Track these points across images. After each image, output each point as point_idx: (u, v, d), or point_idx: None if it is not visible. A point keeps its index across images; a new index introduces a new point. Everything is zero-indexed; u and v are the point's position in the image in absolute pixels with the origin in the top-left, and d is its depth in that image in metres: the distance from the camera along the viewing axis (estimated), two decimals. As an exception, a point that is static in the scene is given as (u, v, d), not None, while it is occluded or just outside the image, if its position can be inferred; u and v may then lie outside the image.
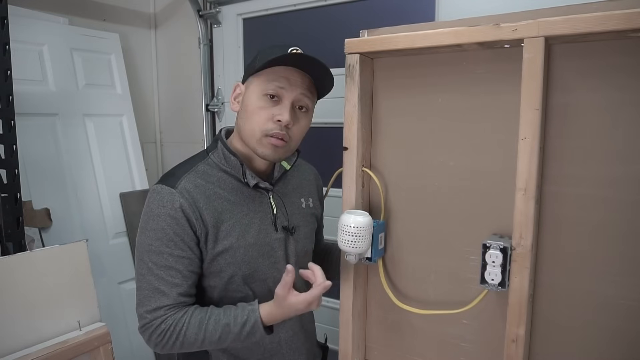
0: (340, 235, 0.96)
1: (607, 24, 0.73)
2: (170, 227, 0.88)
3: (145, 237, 0.89)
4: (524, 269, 0.84)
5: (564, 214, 0.86)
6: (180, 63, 2.27)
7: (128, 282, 1.98)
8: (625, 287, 0.82)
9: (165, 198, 0.88)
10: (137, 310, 0.90)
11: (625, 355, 0.84)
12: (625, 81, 0.80)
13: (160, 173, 2.39)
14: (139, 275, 0.90)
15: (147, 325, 0.88)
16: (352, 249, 0.95)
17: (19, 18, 1.69)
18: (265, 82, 0.90)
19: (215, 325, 0.89)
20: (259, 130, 0.90)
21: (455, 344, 1.01)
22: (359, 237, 0.95)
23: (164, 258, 0.88)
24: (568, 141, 0.85)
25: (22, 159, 1.54)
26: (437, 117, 0.99)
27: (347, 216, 0.96)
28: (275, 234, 0.98)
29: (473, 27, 0.85)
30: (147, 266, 0.89)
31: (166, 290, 0.88)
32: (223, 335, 0.89)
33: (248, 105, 0.92)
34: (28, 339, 1.17)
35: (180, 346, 0.89)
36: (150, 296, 0.88)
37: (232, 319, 0.89)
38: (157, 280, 0.88)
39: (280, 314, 0.91)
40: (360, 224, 0.94)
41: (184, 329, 0.88)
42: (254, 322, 0.89)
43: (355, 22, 1.71)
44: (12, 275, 1.15)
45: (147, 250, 0.89)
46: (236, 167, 0.94)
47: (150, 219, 0.89)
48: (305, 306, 0.89)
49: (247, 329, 0.89)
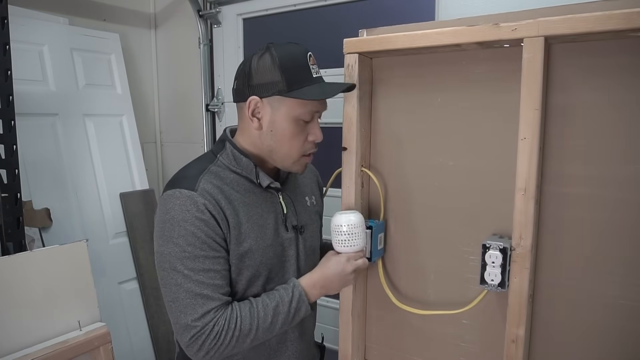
0: (334, 237, 0.96)
1: (606, 24, 0.73)
2: (200, 230, 0.85)
3: (173, 245, 0.85)
4: (523, 269, 0.84)
5: (564, 214, 0.86)
6: (180, 63, 2.27)
7: (128, 282, 1.98)
8: (626, 287, 0.82)
9: (187, 202, 0.85)
10: (181, 321, 0.85)
11: (625, 355, 0.83)
12: (625, 80, 0.80)
13: (161, 173, 2.39)
14: (173, 287, 0.85)
15: (198, 333, 0.84)
16: (348, 248, 0.95)
17: (19, 18, 1.69)
18: (299, 107, 0.89)
19: (265, 309, 0.88)
20: (298, 154, 0.92)
21: (455, 344, 1.01)
22: (352, 236, 0.95)
23: (201, 262, 0.85)
24: (568, 141, 0.85)
25: (22, 159, 1.54)
26: (436, 117, 0.99)
27: (337, 217, 0.96)
28: (286, 233, 0.97)
29: (472, 27, 0.85)
30: (182, 274, 0.84)
31: (210, 294, 0.85)
32: (274, 318, 0.88)
33: (283, 129, 0.90)
34: (28, 339, 1.17)
35: (235, 343, 0.86)
36: (194, 304, 0.84)
37: (279, 299, 0.89)
38: (197, 286, 0.84)
39: (319, 276, 0.93)
40: (351, 222, 0.94)
41: (238, 322, 0.85)
42: (299, 294, 0.90)
43: (354, 22, 1.71)
44: (12, 275, 1.15)
45: (179, 257, 0.85)
46: (248, 168, 0.93)
47: (176, 226, 0.85)
48: (346, 260, 0.94)
49: (294, 305, 0.89)
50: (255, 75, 0.89)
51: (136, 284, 2.01)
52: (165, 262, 0.86)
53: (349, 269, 0.95)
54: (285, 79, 0.87)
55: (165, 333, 2.05)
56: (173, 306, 0.86)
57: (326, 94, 0.89)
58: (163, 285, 0.88)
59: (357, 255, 0.96)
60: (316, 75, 0.91)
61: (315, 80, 0.90)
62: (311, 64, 0.90)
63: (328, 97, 0.89)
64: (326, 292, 0.95)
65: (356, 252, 0.97)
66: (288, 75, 0.87)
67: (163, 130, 2.38)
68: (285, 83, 0.87)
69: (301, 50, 0.90)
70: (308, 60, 0.90)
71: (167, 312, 0.89)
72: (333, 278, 0.94)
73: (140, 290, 2.01)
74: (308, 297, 0.92)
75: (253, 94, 0.89)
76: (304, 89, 0.88)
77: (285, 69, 0.87)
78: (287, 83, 0.87)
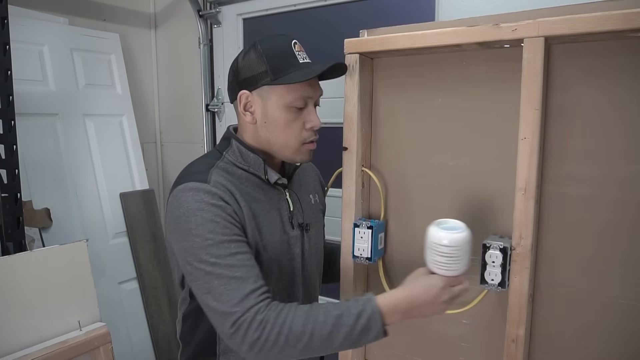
0: (431, 255, 0.81)
1: (606, 24, 0.73)
2: (218, 216, 0.81)
3: (192, 236, 0.80)
4: (524, 269, 0.84)
5: (564, 214, 0.86)
6: (180, 63, 2.27)
7: (128, 282, 1.99)
8: (626, 287, 0.82)
9: (200, 192, 0.83)
10: (219, 310, 0.78)
11: (625, 355, 0.84)
12: (625, 80, 0.80)
13: (161, 173, 2.39)
14: (203, 277, 0.79)
15: (239, 320, 0.76)
16: (448, 272, 0.80)
17: (19, 18, 1.69)
18: (289, 94, 0.87)
19: (326, 316, 0.76)
20: (297, 142, 0.90)
21: (455, 344, 1.01)
22: (455, 258, 0.78)
23: (226, 247, 0.80)
24: (568, 141, 0.85)
25: (22, 159, 1.54)
26: (436, 117, 0.99)
27: (437, 231, 0.79)
28: (292, 231, 0.97)
29: (472, 27, 0.85)
30: (210, 263, 0.79)
31: (243, 275, 0.78)
32: (335, 329, 0.76)
33: (276, 119, 0.89)
34: (28, 339, 1.17)
35: (284, 342, 0.75)
36: (229, 288, 0.77)
37: (344, 310, 0.77)
38: (229, 270, 0.78)
39: (403, 297, 0.79)
40: (456, 243, 0.78)
41: (289, 319, 0.76)
42: (371, 311, 0.77)
43: (355, 22, 1.71)
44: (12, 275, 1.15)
45: (202, 247, 0.80)
46: (256, 164, 0.92)
47: (192, 217, 0.81)
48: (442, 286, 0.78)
49: (363, 322, 0.76)
50: (243, 71, 0.90)
51: (136, 284, 2.01)
52: (189, 256, 0.81)
53: (444, 297, 0.80)
54: (271, 67, 0.87)
55: (165, 333, 2.05)
56: (208, 298, 0.79)
57: (310, 73, 0.86)
58: (193, 282, 0.82)
59: (456, 280, 0.81)
60: (303, 61, 0.89)
61: (303, 65, 0.88)
62: (297, 51, 0.89)
63: (312, 76, 0.86)
64: (409, 317, 0.80)
65: (456, 276, 0.81)
66: (273, 64, 0.87)
67: (163, 130, 2.38)
68: (271, 72, 0.86)
69: (285, 39, 0.90)
70: (293, 47, 0.89)
71: (205, 311, 0.82)
72: (422, 304, 0.80)
73: (140, 290, 2.01)
74: (383, 319, 0.78)
75: (242, 88, 0.90)
76: (290, 75, 0.86)
77: (270, 58, 0.87)
78: (273, 71, 0.86)
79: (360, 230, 1.01)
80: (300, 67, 0.88)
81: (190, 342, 0.97)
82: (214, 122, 2.19)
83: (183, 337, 0.99)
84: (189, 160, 0.97)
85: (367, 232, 1.00)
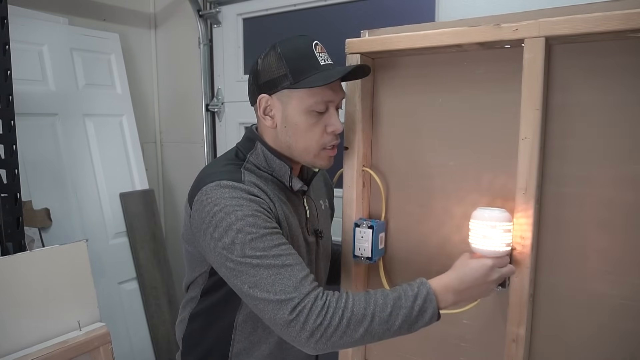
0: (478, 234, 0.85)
1: (607, 24, 0.73)
2: (257, 211, 0.80)
3: (234, 232, 0.78)
4: (524, 269, 0.84)
5: (564, 214, 0.87)
6: (180, 63, 2.26)
7: (128, 282, 1.98)
8: (626, 287, 0.82)
9: (236, 189, 0.81)
10: (273, 300, 0.74)
11: (625, 355, 0.84)
12: (625, 81, 0.80)
13: (161, 173, 2.38)
14: (251, 271, 0.76)
15: (299, 306, 0.73)
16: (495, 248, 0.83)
17: (19, 18, 1.69)
18: (310, 98, 0.85)
19: (385, 298, 0.76)
20: (317, 146, 0.88)
21: (455, 344, 1.01)
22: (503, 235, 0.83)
23: (270, 239, 0.78)
24: (568, 141, 0.85)
25: (22, 159, 1.54)
26: (437, 117, 0.99)
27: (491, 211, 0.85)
28: (309, 237, 0.96)
29: (473, 28, 0.85)
30: (256, 256, 0.76)
31: (293, 262, 0.77)
32: (394, 311, 0.75)
33: (296, 123, 0.87)
34: (28, 339, 1.16)
35: (346, 328, 0.73)
36: (280, 278, 0.75)
37: (401, 292, 0.77)
38: (277, 259, 0.76)
39: (455, 278, 0.80)
40: (507, 219, 0.84)
41: (350, 303, 0.75)
42: (426, 292, 0.77)
43: (355, 22, 1.71)
44: (12, 275, 1.15)
45: (246, 242, 0.77)
46: (281, 172, 0.90)
47: (230, 214, 0.78)
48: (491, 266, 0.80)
49: (419, 303, 0.76)
50: (262, 74, 0.87)
51: (136, 284, 2.01)
52: (231, 253, 0.78)
53: (493, 277, 0.81)
54: (291, 71, 0.84)
55: (165, 333, 2.05)
56: (256, 291, 0.75)
57: (331, 77, 0.83)
58: (236, 277, 0.78)
59: (503, 260, 0.83)
60: (324, 62, 0.86)
61: (324, 67, 0.85)
62: (318, 52, 0.86)
63: (333, 79, 0.83)
64: (460, 299, 0.81)
65: (502, 256, 0.84)
66: (293, 67, 0.84)
67: (163, 130, 2.38)
68: (291, 75, 0.84)
69: (306, 40, 0.87)
70: (314, 49, 0.86)
71: (252, 306, 0.78)
72: (472, 284, 0.80)
73: (140, 290, 2.01)
74: (438, 301, 0.78)
75: (262, 92, 0.88)
76: (311, 78, 0.83)
77: (290, 61, 0.84)
78: (293, 75, 0.84)
79: (361, 230, 1.01)
80: (322, 70, 0.85)
81: (198, 342, 0.95)
82: (214, 122, 2.19)
83: (189, 337, 0.96)
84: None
85: (367, 231, 1.00)
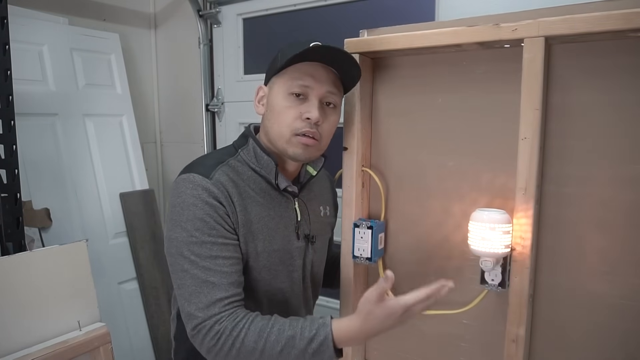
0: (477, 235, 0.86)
1: (606, 24, 0.73)
2: (208, 215, 0.82)
3: (181, 229, 0.83)
4: (524, 269, 0.84)
5: (564, 214, 0.86)
6: (180, 63, 2.26)
7: (128, 282, 1.98)
8: (626, 287, 0.82)
9: (198, 187, 0.83)
10: (186, 309, 0.81)
11: (625, 355, 0.84)
12: (625, 81, 0.80)
13: (161, 173, 2.39)
14: (179, 272, 0.82)
15: (200, 326, 0.80)
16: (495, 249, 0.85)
17: (19, 18, 1.69)
18: (290, 81, 0.87)
19: (279, 335, 0.78)
20: (288, 130, 0.87)
21: (455, 344, 1.01)
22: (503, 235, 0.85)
23: (208, 248, 0.82)
24: (568, 141, 0.85)
25: (22, 159, 1.53)
26: (436, 117, 0.99)
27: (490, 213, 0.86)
28: (296, 241, 0.95)
29: (472, 27, 0.85)
30: (189, 260, 0.81)
31: (216, 281, 0.81)
32: (286, 350, 0.77)
33: (274, 106, 0.89)
34: (28, 339, 1.16)
35: (237, 354, 0.78)
36: (198, 291, 0.80)
37: (298, 331, 0.78)
38: (203, 273, 0.81)
39: (359, 329, 0.77)
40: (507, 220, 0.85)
41: (242, 334, 0.78)
42: (324, 338, 0.77)
43: (355, 22, 1.71)
44: (12, 275, 1.15)
45: (186, 242, 0.82)
46: (268, 168, 0.90)
47: (185, 210, 0.83)
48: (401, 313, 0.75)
49: (314, 346, 0.77)
50: (266, 72, 0.95)
51: (136, 284, 2.00)
52: (172, 247, 0.84)
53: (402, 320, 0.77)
54: (281, 58, 0.88)
55: (165, 333, 2.05)
56: (179, 293, 0.83)
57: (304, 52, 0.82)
58: (171, 272, 0.86)
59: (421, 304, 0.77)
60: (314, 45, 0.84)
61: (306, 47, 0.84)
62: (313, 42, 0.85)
63: (302, 49, 0.82)
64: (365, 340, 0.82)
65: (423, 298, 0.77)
66: (284, 54, 0.88)
67: (163, 130, 2.38)
68: (280, 62, 0.88)
69: (309, 39, 0.87)
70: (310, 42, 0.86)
71: (177, 299, 0.86)
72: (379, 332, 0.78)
73: (140, 290, 2.01)
74: (335, 345, 0.78)
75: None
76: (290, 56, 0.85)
77: (282, 50, 0.90)
78: (280, 61, 0.88)
79: (361, 231, 1.01)
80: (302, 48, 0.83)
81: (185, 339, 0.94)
82: (214, 122, 2.19)
83: (177, 335, 0.98)
84: (189, 160, 0.96)
85: (367, 232, 1.00)
